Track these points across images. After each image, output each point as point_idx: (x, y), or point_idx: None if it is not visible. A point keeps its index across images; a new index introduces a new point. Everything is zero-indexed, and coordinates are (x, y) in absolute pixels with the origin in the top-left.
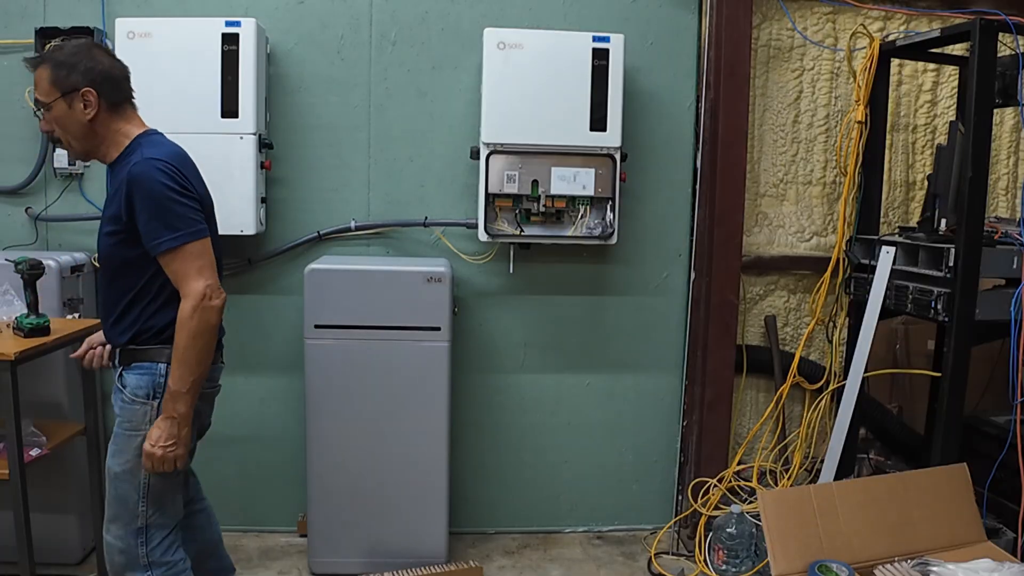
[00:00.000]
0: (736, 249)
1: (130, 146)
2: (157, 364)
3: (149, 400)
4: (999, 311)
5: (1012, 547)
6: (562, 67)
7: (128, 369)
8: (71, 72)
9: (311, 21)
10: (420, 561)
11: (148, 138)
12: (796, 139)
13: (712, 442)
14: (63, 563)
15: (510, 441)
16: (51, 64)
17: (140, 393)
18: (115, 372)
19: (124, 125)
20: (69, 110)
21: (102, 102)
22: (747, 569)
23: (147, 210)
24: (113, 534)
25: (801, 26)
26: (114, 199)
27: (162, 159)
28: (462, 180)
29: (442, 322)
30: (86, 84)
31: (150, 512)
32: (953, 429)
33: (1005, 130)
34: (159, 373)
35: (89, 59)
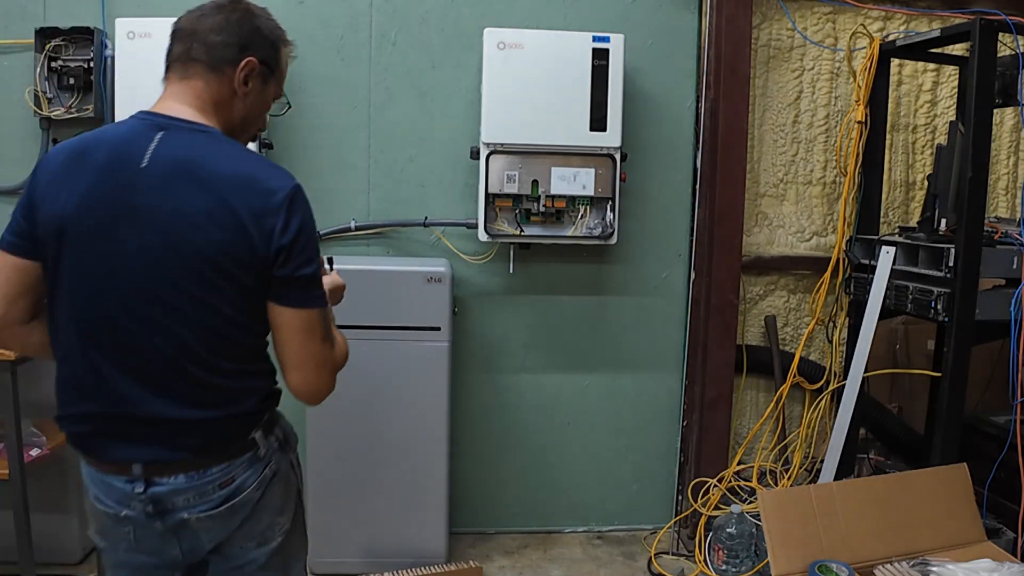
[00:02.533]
0: (736, 249)
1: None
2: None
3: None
4: (999, 311)
5: (1012, 547)
6: (562, 67)
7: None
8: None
9: (311, 21)
10: (420, 561)
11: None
12: (796, 139)
13: (712, 442)
14: (63, 563)
15: (510, 441)
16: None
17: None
18: None
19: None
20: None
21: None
22: (747, 569)
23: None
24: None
25: (801, 26)
26: None
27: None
28: (462, 180)
29: (442, 322)
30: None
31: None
32: (953, 429)
33: (1005, 130)
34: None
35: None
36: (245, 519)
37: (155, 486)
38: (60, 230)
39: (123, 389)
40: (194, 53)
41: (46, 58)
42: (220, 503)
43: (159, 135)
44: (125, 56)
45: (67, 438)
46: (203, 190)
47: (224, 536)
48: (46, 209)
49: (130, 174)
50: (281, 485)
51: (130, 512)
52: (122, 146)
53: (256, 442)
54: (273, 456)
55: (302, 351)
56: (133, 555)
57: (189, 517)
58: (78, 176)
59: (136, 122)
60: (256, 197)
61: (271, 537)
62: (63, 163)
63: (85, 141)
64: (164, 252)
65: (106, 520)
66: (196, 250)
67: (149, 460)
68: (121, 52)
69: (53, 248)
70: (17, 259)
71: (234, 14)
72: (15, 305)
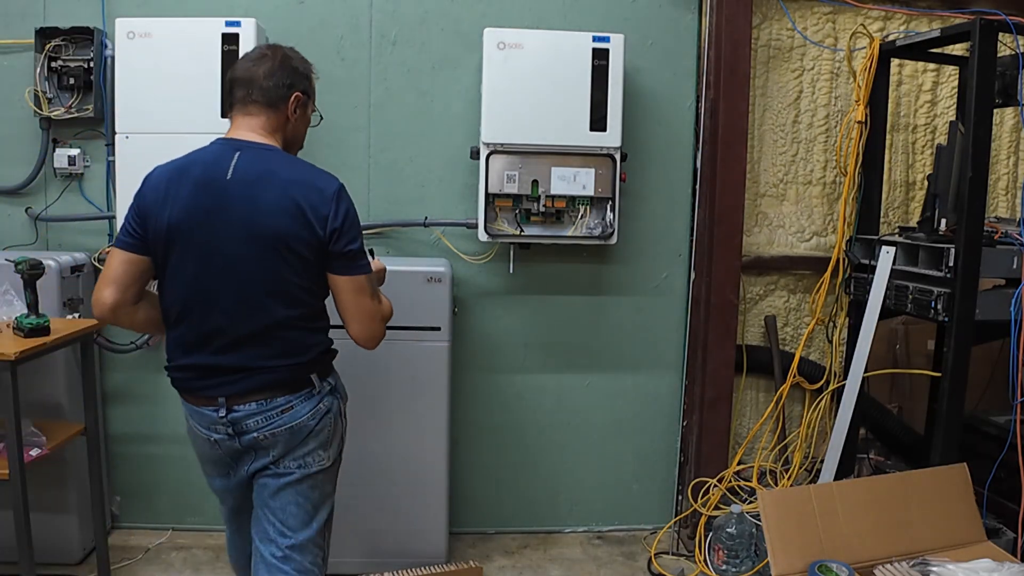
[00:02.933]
0: (736, 249)
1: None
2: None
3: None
4: (999, 311)
5: (1012, 547)
6: (562, 67)
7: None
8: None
9: (311, 21)
10: (420, 561)
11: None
12: (796, 139)
13: (712, 442)
14: (63, 563)
15: (510, 441)
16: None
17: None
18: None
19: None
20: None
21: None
22: (747, 569)
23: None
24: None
25: (801, 26)
26: None
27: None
28: (462, 180)
29: (442, 322)
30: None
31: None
32: (953, 429)
33: (1005, 130)
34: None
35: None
36: (300, 442)
37: (233, 412)
38: (170, 230)
39: (216, 345)
40: (254, 96)
41: (46, 58)
42: (282, 425)
43: (237, 154)
44: (125, 56)
45: (172, 382)
46: (273, 191)
47: (282, 453)
48: (156, 216)
49: (220, 184)
50: (331, 422)
51: (216, 435)
52: (211, 164)
53: (312, 381)
54: (326, 396)
55: (356, 307)
56: (229, 463)
57: (259, 436)
58: (180, 189)
59: (218, 146)
60: (313, 194)
61: (311, 464)
62: (166, 181)
63: (181, 163)
64: (248, 239)
65: (201, 442)
66: (271, 235)
67: (231, 394)
68: (121, 52)
69: (163, 245)
70: (131, 255)
71: (276, 60)
72: (128, 291)
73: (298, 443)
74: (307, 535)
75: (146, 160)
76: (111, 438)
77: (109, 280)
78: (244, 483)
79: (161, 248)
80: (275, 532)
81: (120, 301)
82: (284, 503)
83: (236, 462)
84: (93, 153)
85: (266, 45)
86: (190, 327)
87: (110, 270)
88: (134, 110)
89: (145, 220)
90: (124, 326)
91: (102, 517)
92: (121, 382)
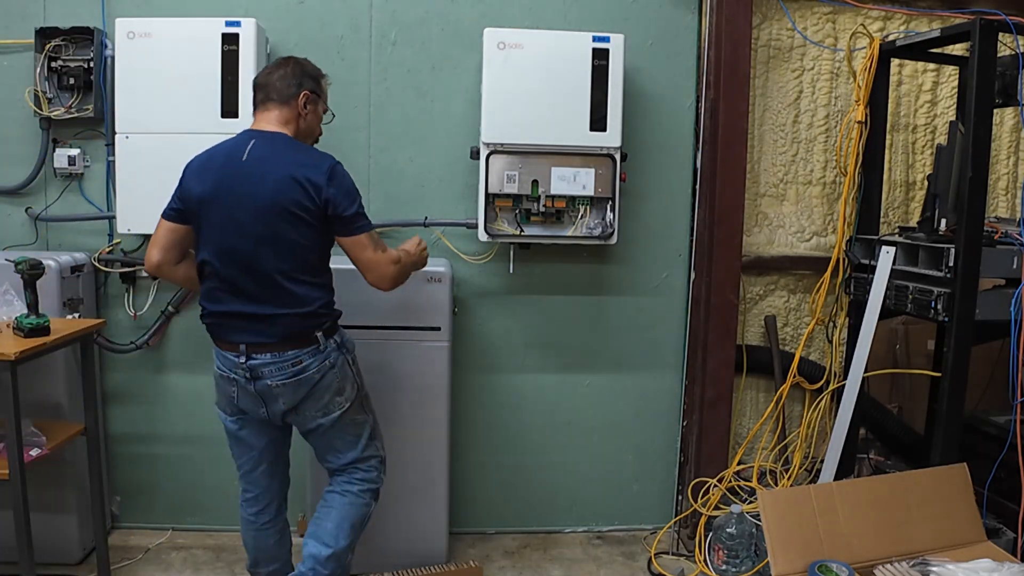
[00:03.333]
0: (736, 249)
1: None
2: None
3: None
4: (999, 311)
5: (1012, 547)
6: (562, 67)
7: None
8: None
9: (311, 21)
10: (420, 561)
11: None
12: (796, 139)
13: (712, 442)
14: (63, 563)
15: (510, 441)
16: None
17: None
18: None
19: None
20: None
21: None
22: (747, 569)
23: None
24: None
25: (801, 26)
26: None
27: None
28: (462, 180)
29: (442, 322)
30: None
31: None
32: (953, 429)
33: (1005, 130)
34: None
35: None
36: (308, 393)
37: (252, 359)
38: (200, 203)
39: (239, 295)
40: (271, 95)
41: (46, 58)
42: (291, 376)
43: (253, 141)
44: (125, 56)
45: (206, 328)
46: (279, 169)
47: (294, 403)
48: (193, 192)
49: (237, 164)
50: (338, 373)
51: (235, 376)
52: (232, 149)
53: (318, 339)
54: (331, 353)
55: (364, 259)
56: (239, 403)
57: (272, 383)
58: (209, 170)
59: (240, 136)
60: (311, 169)
61: (332, 410)
62: (199, 165)
63: (212, 151)
64: (262, 206)
65: (222, 380)
66: (280, 203)
67: (250, 342)
68: (121, 52)
69: (197, 215)
70: (172, 224)
71: (288, 66)
72: (170, 252)
73: (306, 395)
74: (355, 454)
75: (146, 160)
76: (111, 438)
77: (155, 243)
78: (265, 425)
79: (195, 217)
80: (333, 457)
81: (163, 260)
82: (326, 441)
83: (253, 403)
84: (93, 153)
85: (284, 57)
86: (216, 280)
87: (157, 236)
88: (134, 110)
89: (182, 197)
90: (167, 279)
91: (102, 517)
92: (121, 382)
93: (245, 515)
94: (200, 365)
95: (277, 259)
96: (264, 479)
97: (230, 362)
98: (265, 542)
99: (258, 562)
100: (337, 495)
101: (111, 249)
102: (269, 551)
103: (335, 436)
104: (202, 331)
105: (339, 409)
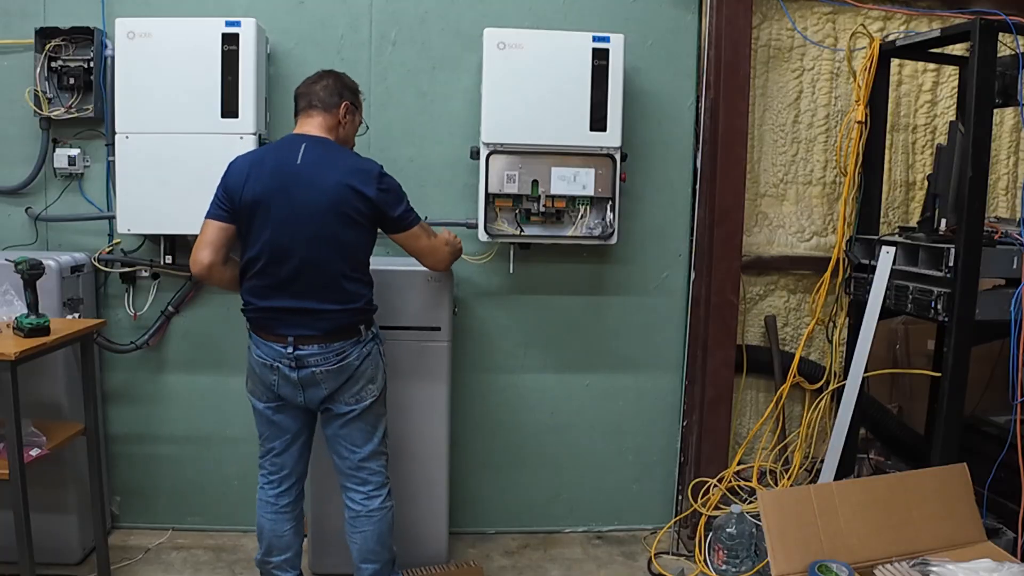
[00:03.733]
0: (736, 249)
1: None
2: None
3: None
4: (999, 311)
5: (1012, 547)
6: (562, 67)
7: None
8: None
9: (311, 21)
10: (420, 561)
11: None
12: (796, 139)
13: (712, 442)
14: (63, 563)
15: (510, 441)
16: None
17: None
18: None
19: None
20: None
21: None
22: (747, 569)
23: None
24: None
25: (801, 26)
26: None
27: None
28: (462, 180)
29: (442, 322)
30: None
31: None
32: (953, 429)
33: (1005, 130)
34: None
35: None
36: (348, 378)
37: (299, 350)
38: (253, 204)
39: (287, 292)
40: (313, 102)
41: (46, 58)
42: (336, 363)
43: (304, 144)
44: (125, 56)
45: (249, 321)
46: (333, 174)
47: (335, 388)
48: (240, 193)
49: (291, 168)
50: (373, 362)
51: (279, 364)
52: (284, 153)
53: (360, 331)
54: (369, 343)
55: (421, 247)
56: (279, 390)
57: (317, 371)
58: (260, 172)
59: (288, 140)
60: (362, 174)
61: (364, 398)
62: (248, 166)
63: (259, 153)
64: (314, 207)
65: (263, 368)
66: (331, 204)
67: (298, 334)
68: (121, 52)
69: (248, 215)
70: (221, 224)
71: (330, 79)
72: (219, 252)
73: (346, 380)
74: (371, 448)
75: (146, 160)
76: (111, 438)
77: (205, 244)
78: (299, 410)
79: (245, 217)
80: (347, 451)
81: (214, 260)
82: (350, 430)
83: (293, 390)
84: (93, 153)
85: (324, 70)
86: (266, 277)
87: (205, 236)
88: (134, 110)
89: (231, 197)
90: (214, 282)
91: (102, 517)
92: (121, 382)
93: (265, 498)
94: (200, 365)
95: (331, 259)
96: (291, 460)
97: (275, 352)
98: (282, 527)
99: (271, 549)
100: (363, 518)
101: (111, 249)
102: (284, 538)
103: (358, 426)
104: (202, 331)
105: (370, 397)
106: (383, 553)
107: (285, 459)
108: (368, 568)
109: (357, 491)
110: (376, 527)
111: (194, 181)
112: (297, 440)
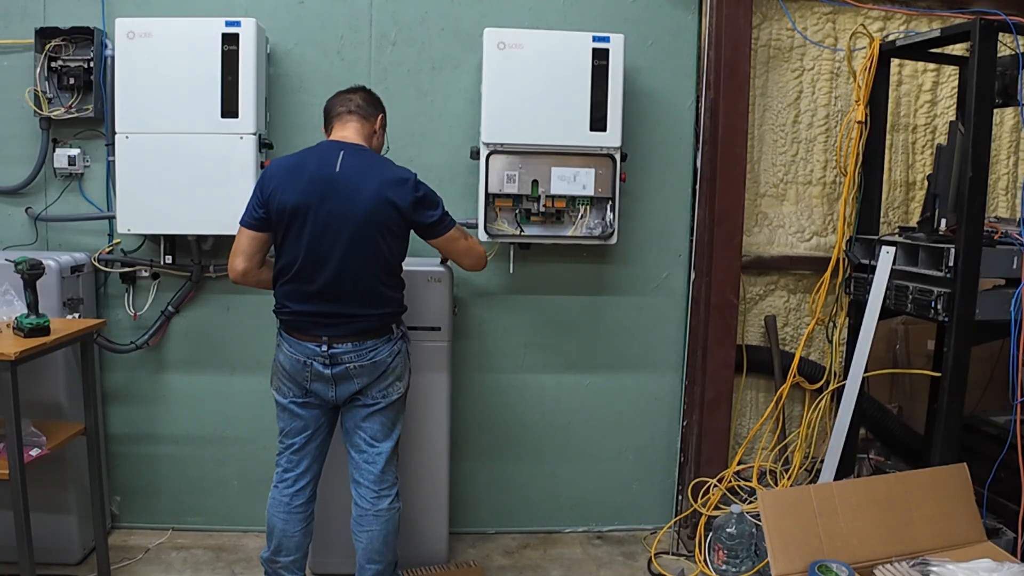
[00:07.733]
0: (736, 249)
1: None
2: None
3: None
4: (999, 311)
5: (1012, 547)
6: (562, 67)
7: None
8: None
9: (311, 21)
10: (420, 561)
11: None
12: (796, 139)
13: (712, 442)
14: (63, 563)
15: (510, 441)
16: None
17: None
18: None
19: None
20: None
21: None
22: (747, 569)
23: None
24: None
25: (801, 26)
26: None
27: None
28: (462, 180)
29: (442, 322)
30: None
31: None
32: (953, 429)
33: (1005, 130)
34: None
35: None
36: (380, 374)
37: (333, 348)
38: (291, 210)
39: (324, 296)
40: (352, 110)
41: (46, 58)
42: (369, 360)
43: (342, 152)
44: (125, 56)
45: (283, 322)
46: (372, 183)
47: (366, 383)
48: (277, 200)
49: (331, 175)
50: (402, 359)
51: (313, 362)
52: (323, 159)
53: (392, 329)
54: (398, 341)
55: (460, 249)
56: (311, 386)
57: (351, 367)
58: (298, 179)
59: (326, 146)
60: (398, 183)
61: (391, 393)
62: (285, 172)
63: (296, 159)
64: (352, 216)
65: (296, 365)
66: (369, 214)
67: (332, 335)
68: (121, 52)
69: (285, 221)
70: (255, 232)
71: (366, 91)
72: (253, 259)
73: (378, 376)
74: (389, 444)
75: (146, 160)
76: (111, 438)
77: (239, 252)
78: (327, 406)
79: (283, 224)
80: (365, 444)
81: (248, 267)
82: (373, 423)
83: (325, 385)
84: (93, 153)
85: (355, 85)
86: (303, 282)
87: (240, 245)
88: (134, 110)
89: (267, 204)
90: (250, 284)
91: (102, 517)
92: (121, 382)
93: (279, 497)
94: (200, 365)
95: (367, 267)
96: (309, 457)
97: (309, 350)
98: (294, 527)
99: (280, 549)
100: (372, 517)
101: (111, 249)
102: (294, 538)
103: (380, 419)
104: (202, 331)
105: (397, 394)
106: (387, 554)
107: (304, 455)
108: (371, 568)
109: (369, 488)
110: (383, 527)
111: (194, 181)
112: (316, 438)
